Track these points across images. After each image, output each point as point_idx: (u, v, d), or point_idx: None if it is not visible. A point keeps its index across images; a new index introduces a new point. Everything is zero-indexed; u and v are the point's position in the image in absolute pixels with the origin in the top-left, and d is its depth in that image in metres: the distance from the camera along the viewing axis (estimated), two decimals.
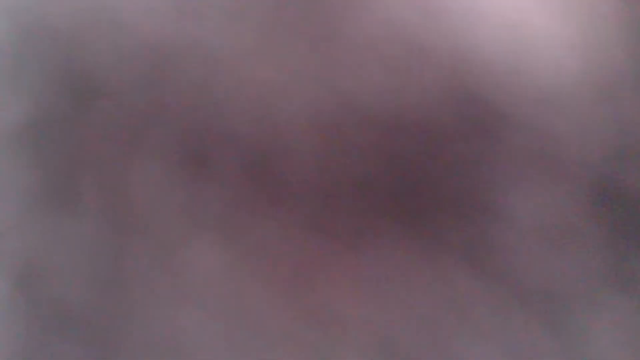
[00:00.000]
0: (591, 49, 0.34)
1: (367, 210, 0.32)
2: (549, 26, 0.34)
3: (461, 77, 0.33)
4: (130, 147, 0.33)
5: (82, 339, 0.32)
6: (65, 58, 0.33)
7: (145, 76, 0.33)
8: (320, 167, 0.33)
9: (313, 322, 0.32)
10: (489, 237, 0.32)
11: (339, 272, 0.32)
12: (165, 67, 0.33)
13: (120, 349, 0.32)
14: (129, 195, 0.33)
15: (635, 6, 0.35)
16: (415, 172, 0.33)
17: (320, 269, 0.32)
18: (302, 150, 0.33)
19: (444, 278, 0.32)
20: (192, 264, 0.32)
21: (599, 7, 0.34)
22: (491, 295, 0.32)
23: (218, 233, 0.32)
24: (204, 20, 0.33)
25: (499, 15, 0.34)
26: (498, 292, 0.32)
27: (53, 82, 0.33)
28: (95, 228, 0.33)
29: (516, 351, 0.32)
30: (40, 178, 0.33)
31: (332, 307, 0.32)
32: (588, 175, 0.33)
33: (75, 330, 0.32)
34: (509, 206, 0.33)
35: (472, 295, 0.32)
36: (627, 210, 0.33)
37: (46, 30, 0.34)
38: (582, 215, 0.33)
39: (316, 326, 0.32)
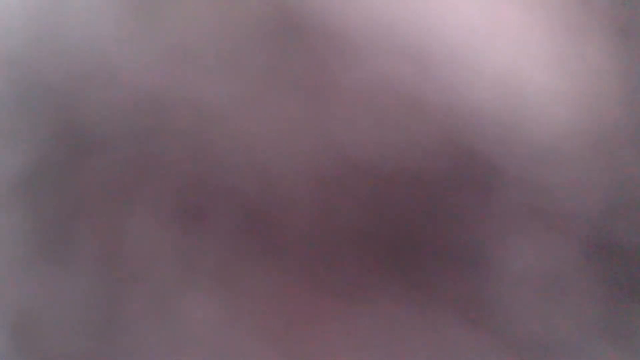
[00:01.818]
0: (585, 102, 0.34)
1: (361, 262, 0.33)
2: (543, 78, 0.34)
3: (455, 130, 0.33)
4: (125, 199, 0.33)
5: None
6: (61, 111, 0.34)
7: (141, 128, 0.33)
8: (315, 219, 0.33)
9: None
10: (483, 290, 0.33)
11: (333, 324, 0.32)
12: (160, 120, 0.33)
13: None
14: (124, 247, 0.33)
15: (630, 58, 0.35)
16: (410, 225, 0.33)
17: (314, 320, 0.32)
18: (297, 203, 0.33)
19: (438, 330, 0.32)
20: (187, 315, 0.33)
21: (593, 59, 0.35)
22: (485, 347, 0.32)
23: (213, 284, 0.33)
24: (200, 74, 0.33)
25: (492, 67, 0.34)
26: (492, 344, 0.32)
27: (48, 135, 0.34)
28: (91, 279, 0.33)
29: None
30: (35, 229, 0.33)
31: (327, 358, 0.32)
32: (582, 228, 0.33)
33: None
34: (503, 259, 0.33)
35: (466, 346, 0.32)
36: (621, 263, 0.33)
37: (41, 83, 0.34)
38: (576, 268, 0.33)
39: None
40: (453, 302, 0.32)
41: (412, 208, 0.33)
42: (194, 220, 0.33)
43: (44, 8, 0.34)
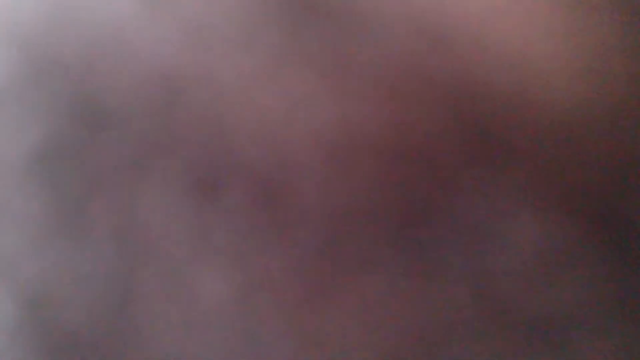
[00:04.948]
0: (594, 78, 0.34)
1: (373, 237, 0.33)
2: (554, 56, 0.34)
3: (467, 106, 0.33)
4: (140, 175, 0.33)
5: None
6: (77, 88, 0.34)
7: (155, 105, 0.34)
8: (327, 195, 0.33)
9: (319, 347, 0.32)
10: (491, 264, 0.33)
11: (345, 298, 0.33)
12: (175, 96, 0.34)
13: None
14: (139, 223, 0.33)
15: (637, 34, 0.35)
16: (421, 200, 0.33)
17: (326, 295, 0.33)
18: (310, 179, 0.33)
19: (448, 303, 0.33)
20: (200, 290, 0.33)
21: (604, 35, 0.35)
22: (493, 321, 0.33)
23: (226, 259, 0.33)
24: (214, 51, 0.34)
25: (505, 45, 0.34)
26: (500, 318, 0.33)
27: (65, 112, 0.34)
28: (105, 255, 0.33)
29: None
30: (52, 206, 0.33)
31: (339, 332, 0.33)
32: (590, 203, 0.33)
33: (84, 355, 0.33)
34: (512, 234, 0.33)
35: (474, 320, 0.33)
36: (628, 238, 0.33)
37: (58, 61, 0.34)
38: (584, 243, 0.33)
39: (322, 351, 0.32)
40: (462, 275, 0.33)
41: (423, 183, 0.33)
42: (207, 195, 0.33)
43: None
